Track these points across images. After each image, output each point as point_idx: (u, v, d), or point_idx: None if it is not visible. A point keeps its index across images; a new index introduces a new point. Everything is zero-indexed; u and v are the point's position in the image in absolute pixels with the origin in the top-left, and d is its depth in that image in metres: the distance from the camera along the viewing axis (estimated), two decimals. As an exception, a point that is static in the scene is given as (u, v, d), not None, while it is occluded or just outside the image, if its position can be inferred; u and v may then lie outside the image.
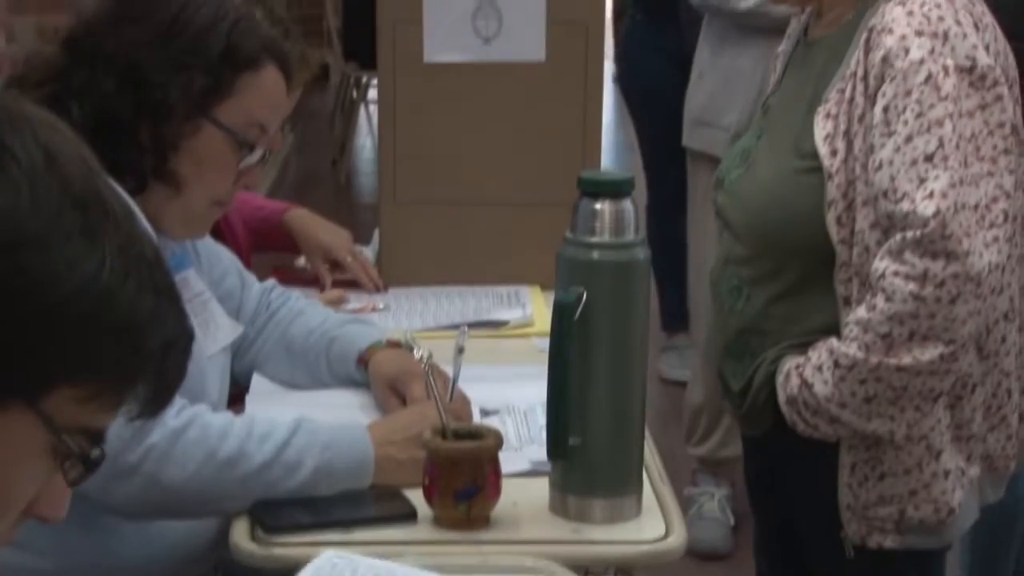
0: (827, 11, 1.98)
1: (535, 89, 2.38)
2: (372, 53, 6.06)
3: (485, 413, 1.88)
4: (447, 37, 2.36)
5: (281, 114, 1.83)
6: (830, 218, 1.86)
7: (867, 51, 1.85)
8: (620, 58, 4.08)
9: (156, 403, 0.94)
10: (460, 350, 1.70)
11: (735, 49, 3.17)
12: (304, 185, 6.36)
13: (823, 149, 1.86)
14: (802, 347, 1.91)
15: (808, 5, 2.03)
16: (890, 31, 1.83)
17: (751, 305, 1.98)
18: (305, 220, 2.44)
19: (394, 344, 1.93)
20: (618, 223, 1.61)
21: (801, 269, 1.93)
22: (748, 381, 1.97)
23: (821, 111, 1.88)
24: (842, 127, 1.86)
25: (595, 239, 1.62)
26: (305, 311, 2.04)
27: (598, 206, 1.61)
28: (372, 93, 7.04)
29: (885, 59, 1.82)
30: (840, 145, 1.86)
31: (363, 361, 1.93)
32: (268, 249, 2.46)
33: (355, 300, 2.39)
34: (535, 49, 2.36)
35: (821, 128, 1.87)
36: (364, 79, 6.64)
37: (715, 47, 3.22)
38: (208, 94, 1.71)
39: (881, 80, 1.82)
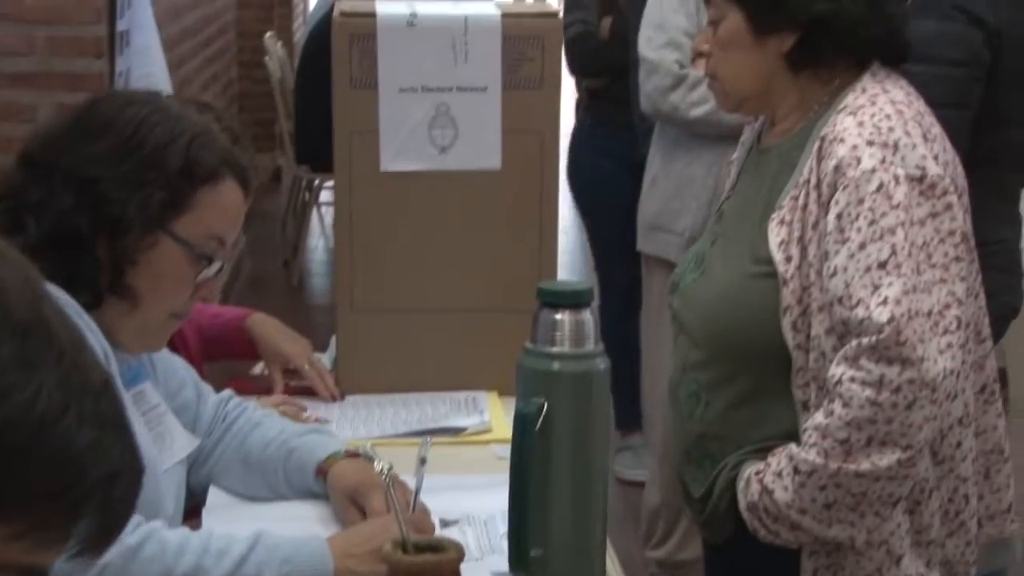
0: (780, 120, 2.02)
1: (491, 197, 2.40)
2: (324, 157, 6.07)
3: (445, 523, 1.87)
4: (403, 146, 2.38)
5: (239, 225, 1.84)
6: (786, 323, 1.88)
7: (819, 159, 1.89)
8: (571, 163, 4.12)
9: (102, 540, 0.91)
10: (423, 461, 1.70)
11: (687, 156, 3.22)
12: (256, 287, 6.35)
13: (778, 255, 1.89)
14: (762, 452, 1.92)
15: (761, 113, 2.07)
16: (842, 140, 1.86)
17: (710, 410, 1.99)
18: (266, 326, 2.43)
19: (353, 454, 1.92)
20: (578, 333, 1.63)
21: (758, 374, 1.94)
22: (709, 488, 1.98)
23: (775, 217, 1.91)
24: (796, 234, 1.89)
25: (555, 349, 1.63)
26: (262, 422, 2.03)
27: (558, 316, 1.63)
28: (324, 195, 7.07)
29: (837, 168, 1.85)
30: (794, 251, 1.88)
31: (322, 472, 1.91)
32: (226, 357, 2.45)
33: (311, 408, 2.38)
34: (491, 158, 2.38)
35: (775, 235, 1.90)
36: (316, 182, 6.66)
37: (667, 154, 3.27)
38: (166, 209, 1.71)
39: (834, 188, 1.85)
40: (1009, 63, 2.66)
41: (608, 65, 3.74)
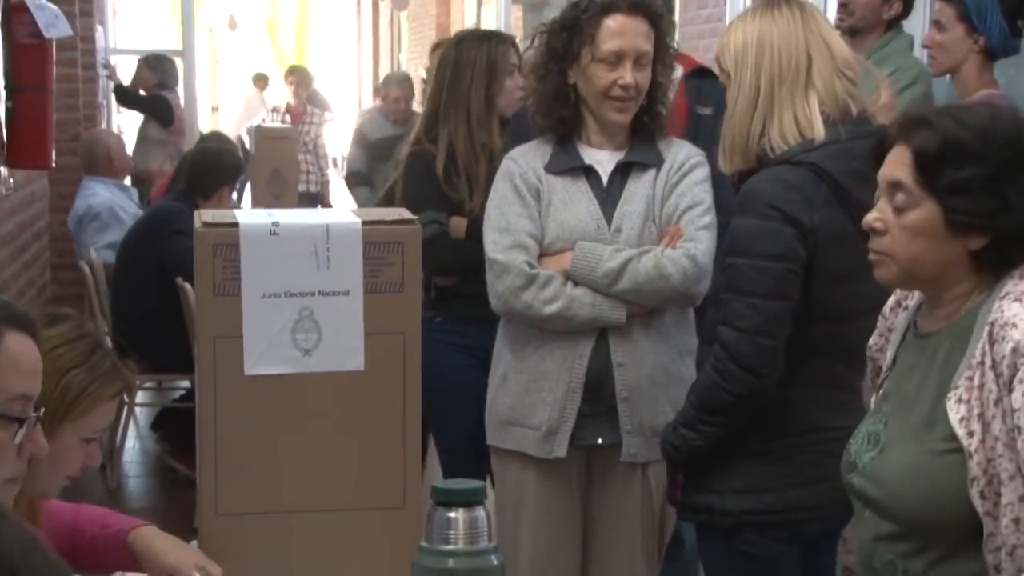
0: (944, 304, 2.23)
1: (355, 397, 2.45)
2: (143, 356, 5.98)
3: None
4: (267, 350, 2.42)
5: (39, 373, 1.78)
6: (974, 493, 2.06)
7: (992, 343, 2.08)
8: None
9: None
10: None
11: (539, 352, 3.32)
12: (74, 492, 6.18)
13: (960, 431, 2.08)
14: None
15: (925, 293, 2.28)
16: (1014, 325, 2.07)
17: None
18: (149, 540, 2.40)
19: None
20: (472, 531, 1.69)
21: (951, 540, 2.13)
22: None
23: (952, 396, 2.11)
24: (976, 411, 2.08)
25: (450, 547, 1.68)
26: None
27: (452, 515, 1.69)
28: (140, 396, 6.98)
29: (1015, 350, 2.05)
30: (976, 427, 2.07)
31: None
32: (100, 570, 2.42)
33: None
34: (354, 359, 2.44)
35: (955, 412, 2.10)
36: (137, 382, 6.59)
37: (517, 350, 3.36)
38: None
39: (1014, 368, 2.04)
40: (824, 260, 2.84)
41: (463, 264, 3.84)
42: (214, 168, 6.31)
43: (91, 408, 2.17)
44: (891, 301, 2.46)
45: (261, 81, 16.75)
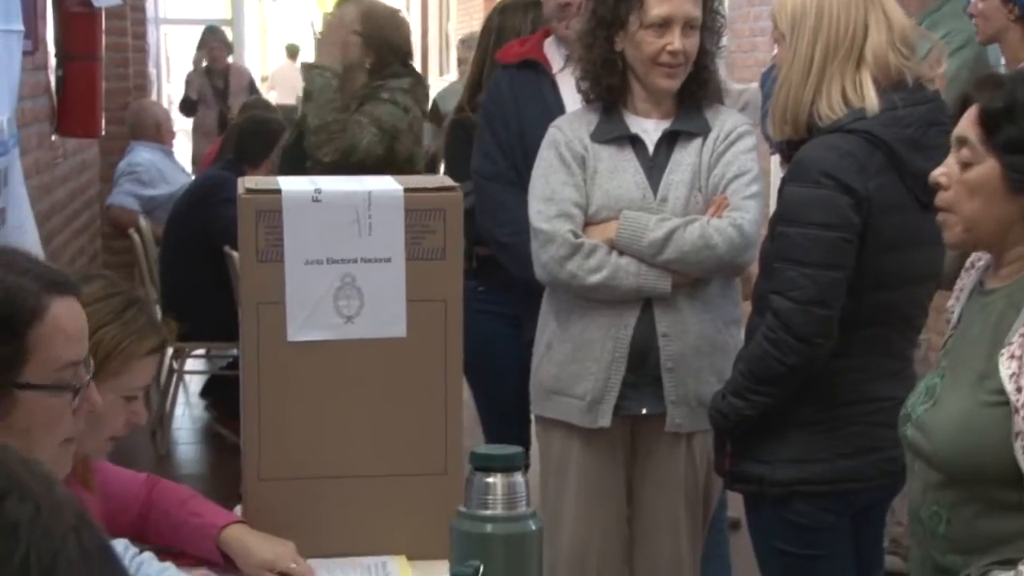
0: (1007, 263, 2.27)
1: (397, 364, 2.46)
2: (194, 324, 6.03)
3: None
4: (310, 317, 2.43)
5: (86, 336, 1.75)
6: (1018, 447, 2.09)
7: None
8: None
9: None
10: None
11: (583, 321, 3.31)
12: (123, 458, 6.24)
13: (1009, 386, 2.11)
14: (1004, 564, 2.09)
15: (987, 253, 2.32)
16: None
17: (952, 527, 2.21)
18: (242, 537, 2.38)
19: None
20: (510, 496, 1.69)
21: (995, 492, 2.16)
22: None
23: (1005, 352, 2.14)
24: None
25: (488, 512, 1.68)
26: None
27: (490, 480, 1.68)
28: (190, 364, 7.03)
29: None
30: None
31: None
32: (184, 555, 2.40)
33: None
34: (396, 326, 2.45)
35: (1006, 368, 2.13)
36: (186, 350, 6.64)
37: (562, 319, 3.35)
38: (5, 369, 1.64)
39: None
40: (879, 228, 2.82)
41: None
42: (262, 137, 6.34)
43: (126, 365, 2.16)
44: (966, 263, 2.49)
45: (293, 52, 16.72)
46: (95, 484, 2.31)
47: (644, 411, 3.33)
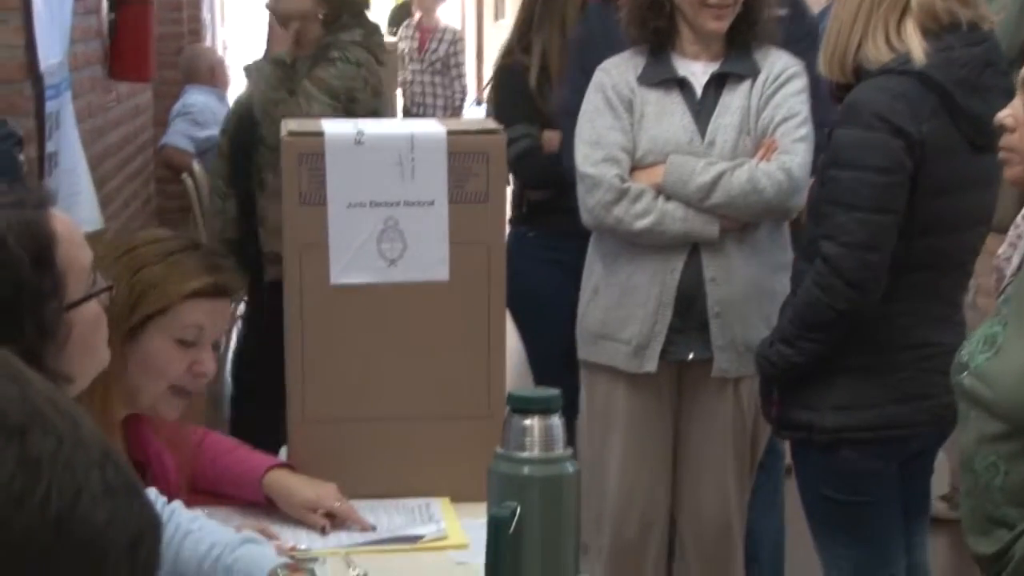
0: None
1: (440, 307, 2.46)
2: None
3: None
4: (353, 260, 2.44)
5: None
6: None
7: None
8: (508, 274, 4.14)
9: None
10: None
11: (630, 266, 3.29)
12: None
13: None
14: None
15: None
16: None
17: (1009, 479, 2.17)
18: (284, 479, 2.39)
19: (293, 567, 1.95)
20: (547, 438, 1.68)
21: None
22: (1004, 550, 2.15)
23: None
24: None
25: (525, 454, 1.68)
26: (192, 530, 2.03)
27: (527, 422, 1.68)
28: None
29: None
30: None
31: None
32: (230, 498, 2.43)
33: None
34: (439, 269, 2.45)
35: None
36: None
37: (608, 263, 3.33)
38: (56, 297, 1.62)
39: None
40: (931, 172, 2.78)
41: (555, 179, 3.80)
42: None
43: (168, 303, 2.16)
44: None
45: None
46: (160, 429, 2.31)
47: (691, 356, 3.32)
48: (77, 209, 3.92)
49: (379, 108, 4.19)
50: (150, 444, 2.25)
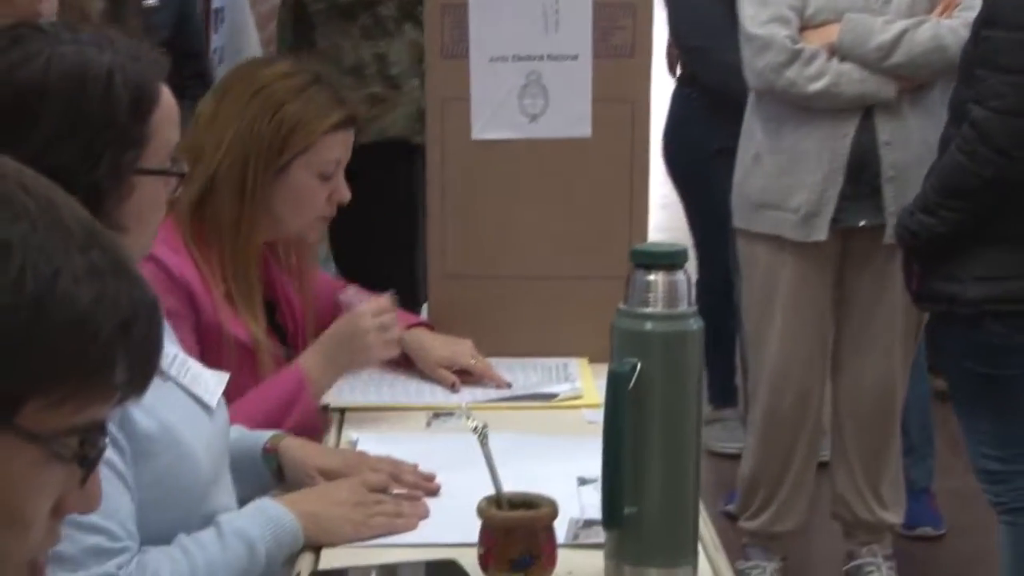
0: None
1: (582, 165, 2.41)
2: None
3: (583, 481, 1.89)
4: (494, 115, 2.40)
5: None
6: None
7: None
8: (670, 139, 4.07)
9: (138, 381, 0.92)
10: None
11: (798, 131, 3.17)
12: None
13: None
14: None
15: None
16: None
17: None
18: (422, 338, 2.39)
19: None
20: (671, 294, 1.63)
21: None
22: None
23: None
24: None
25: (648, 310, 1.64)
26: None
27: (651, 278, 1.63)
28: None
29: None
30: None
31: (270, 450, 1.93)
32: None
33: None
34: (581, 126, 2.40)
35: None
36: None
37: (771, 129, 3.20)
38: (129, 157, 1.59)
39: None
40: None
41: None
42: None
43: (312, 139, 2.18)
44: None
45: None
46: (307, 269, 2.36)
47: (862, 223, 3.22)
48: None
49: None
50: (278, 284, 2.29)
